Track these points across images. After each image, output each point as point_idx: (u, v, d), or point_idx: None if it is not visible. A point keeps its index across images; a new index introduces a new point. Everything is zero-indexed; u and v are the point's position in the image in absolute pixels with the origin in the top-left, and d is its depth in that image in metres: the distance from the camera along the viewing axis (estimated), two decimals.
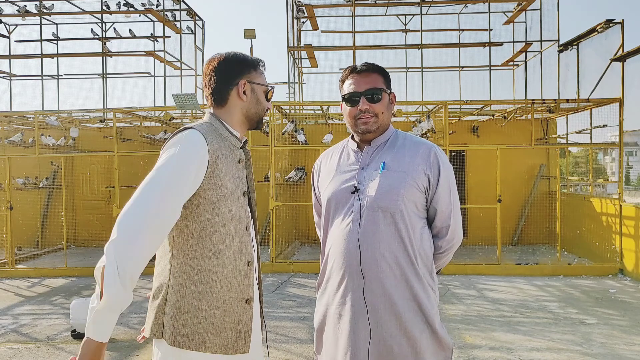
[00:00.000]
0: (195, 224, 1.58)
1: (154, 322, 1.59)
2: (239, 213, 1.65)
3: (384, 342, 1.72)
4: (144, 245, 1.42)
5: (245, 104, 1.72)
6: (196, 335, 1.55)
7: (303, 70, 11.96)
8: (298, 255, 8.99)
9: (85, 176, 10.91)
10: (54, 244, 10.37)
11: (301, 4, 10.88)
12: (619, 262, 7.51)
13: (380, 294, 1.73)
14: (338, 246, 1.81)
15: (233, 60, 1.70)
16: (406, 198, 1.77)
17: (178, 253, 1.59)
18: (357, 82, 1.85)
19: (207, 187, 1.58)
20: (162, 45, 11.37)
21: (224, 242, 1.60)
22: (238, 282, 1.62)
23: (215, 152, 1.59)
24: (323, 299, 1.88)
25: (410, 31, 11.62)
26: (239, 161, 1.70)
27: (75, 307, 4.81)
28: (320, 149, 8.05)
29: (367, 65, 1.87)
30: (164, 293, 1.58)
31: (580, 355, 4.20)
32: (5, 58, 11.62)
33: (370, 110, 1.82)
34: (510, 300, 6.05)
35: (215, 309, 1.58)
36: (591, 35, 8.49)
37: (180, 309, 1.56)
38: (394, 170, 1.80)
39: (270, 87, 1.77)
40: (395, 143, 1.87)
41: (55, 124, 9.20)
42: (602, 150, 33.49)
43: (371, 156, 1.86)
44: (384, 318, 1.72)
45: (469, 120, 10.44)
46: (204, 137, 1.58)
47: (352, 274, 1.76)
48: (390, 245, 1.75)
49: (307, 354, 4.29)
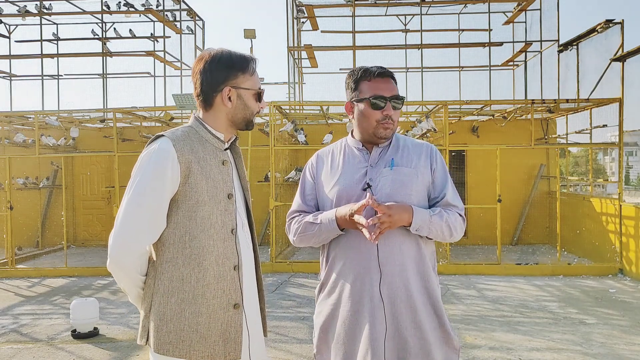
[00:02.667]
0: (175, 231, 1.60)
1: (141, 329, 1.63)
2: (221, 217, 1.63)
3: (400, 334, 1.74)
4: (134, 264, 1.60)
5: (230, 110, 1.68)
6: (180, 342, 1.56)
7: (303, 70, 11.96)
8: (298, 255, 8.99)
9: (86, 176, 10.91)
10: (54, 244, 10.37)
11: (301, 4, 10.88)
12: (619, 262, 7.51)
13: (398, 287, 1.76)
14: (352, 242, 1.81)
15: (218, 63, 1.65)
16: (417, 193, 1.84)
17: (161, 260, 1.61)
18: (382, 87, 1.85)
19: (182, 193, 1.59)
20: (162, 45, 11.38)
21: (203, 248, 1.59)
22: (223, 288, 1.61)
23: (187, 158, 1.58)
24: (330, 298, 1.86)
25: (410, 31, 11.61)
26: (222, 163, 1.68)
27: (75, 307, 4.81)
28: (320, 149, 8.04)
29: (388, 71, 1.89)
30: (149, 300, 1.61)
31: (580, 355, 4.21)
32: (5, 58, 11.62)
33: (392, 117, 1.86)
34: (510, 300, 6.05)
35: (199, 316, 1.58)
36: (591, 35, 8.50)
37: (164, 317, 1.57)
38: (403, 167, 1.86)
39: (260, 90, 1.72)
40: (398, 144, 1.93)
41: (55, 124, 9.21)
42: (602, 150, 33.50)
43: (379, 154, 1.90)
44: (401, 310, 1.75)
45: (469, 120, 10.44)
46: (173, 144, 1.58)
47: (369, 268, 1.77)
48: (405, 239, 1.79)
49: (307, 354, 4.29)
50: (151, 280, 1.62)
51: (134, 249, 1.56)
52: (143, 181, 1.56)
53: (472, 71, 12.07)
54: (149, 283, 1.62)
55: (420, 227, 1.77)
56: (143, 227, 1.55)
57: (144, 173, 1.57)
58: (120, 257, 1.56)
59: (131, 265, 1.58)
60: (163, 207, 1.58)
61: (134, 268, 1.59)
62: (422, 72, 11.71)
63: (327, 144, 8.48)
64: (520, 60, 11.61)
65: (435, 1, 11.07)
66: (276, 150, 8.14)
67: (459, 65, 11.79)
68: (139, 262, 1.60)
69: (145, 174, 1.57)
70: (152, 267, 1.63)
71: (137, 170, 1.60)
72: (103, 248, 10.34)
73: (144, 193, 1.55)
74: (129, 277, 1.61)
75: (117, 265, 1.57)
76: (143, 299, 1.64)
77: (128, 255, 1.56)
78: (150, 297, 1.61)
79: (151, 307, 1.60)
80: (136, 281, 1.62)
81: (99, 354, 4.40)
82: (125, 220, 1.55)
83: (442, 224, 1.80)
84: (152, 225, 1.57)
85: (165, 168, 1.56)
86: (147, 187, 1.55)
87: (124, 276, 1.60)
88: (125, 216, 1.56)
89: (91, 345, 4.62)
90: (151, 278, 1.62)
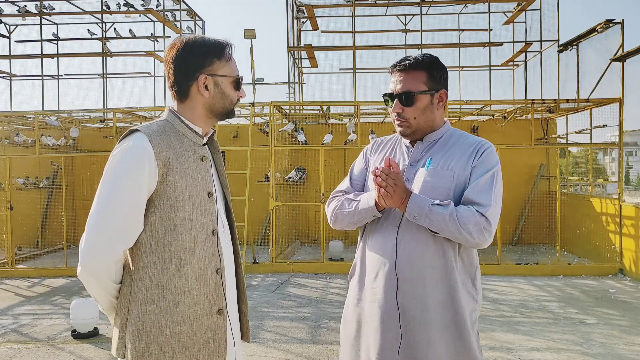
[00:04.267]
0: (152, 234, 1.47)
1: (117, 341, 1.51)
2: (202, 217, 1.52)
3: (412, 348, 1.63)
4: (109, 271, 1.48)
5: (207, 99, 1.56)
6: (161, 354, 1.45)
7: (303, 70, 11.96)
8: (298, 255, 8.98)
9: (86, 176, 10.91)
10: (54, 244, 10.36)
11: (301, 4, 10.88)
12: (619, 262, 7.51)
13: (413, 297, 1.64)
14: (375, 243, 1.75)
15: (192, 50, 1.53)
16: (451, 197, 1.68)
17: (137, 266, 1.48)
18: (397, 81, 1.76)
19: (160, 192, 1.47)
20: (162, 45, 11.39)
21: (184, 251, 1.48)
22: (205, 293, 1.50)
23: (164, 155, 1.47)
24: (353, 291, 1.82)
25: (410, 31, 11.61)
26: (202, 159, 1.57)
27: (75, 307, 4.81)
28: (320, 149, 8.06)
29: (410, 62, 1.74)
30: (125, 310, 1.48)
31: (580, 355, 4.21)
32: (5, 58, 11.62)
33: (402, 115, 1.75)
34: (510, 300, 6.05)
35: (181, 324, 1.47)
36: (591, 35, 8.50)
37: (142, 327, 1.45)
38: (440, 168, 1.71)
39: (238, 76, 1.60)
40: (449, 141, 1.78)
41: (55, 124, 9.20)
42: (602, 150, 33.51)
43: (422, 153, 1.78)
44: (415, 323, 1.64)
45: (469, 120, 10.44)
46: (150, 139, 1.46)
47: (386, 273, 1.68)
48: (428, 247, 1.67)
49: (307, 353, 4.29)
50: (127, 288, 1.49)
51: (108, 254, 1.43)
52: (117, 181, 1.43)
53: (472, 71, 12.07)
54: (125, 291, 1.49)
55: (418, 215, 1.63)
56: (118, 231, 1.43)
57: (118, 172, 1.44)
58: (93, 264, 1.43)
59: (105, 272, 1.45)
60: (140, 208, 1.46)
61: (107, 275, 1.46)
62: None
63: (327, 144, 8.49)
64: (520, 60, 11.61)
65: (435, 1, 11.07)
66: (276, 150, 8.14)
67: (459, 65, 11.79)
68: (114, 268, 1.47)
69: (119, 172, 1.44)
70: (128, 274, 1.50)
71: (110, 169, 1.46)
72: None
73: (118, 193, 1.43)
74: (102, 286, 1.48)
75: (89, 273, 1.44)
76: (117, 309, 1.51)
77: (102, 261, 1.44)
78: (126, 307, 1.48)
79: (128, 317, 1.47)
80: (110, 290, 1.49)
81: (99, 354, 4.40)
82: (98, 223, 1.42)
83: (446, 217, 1.61)
84: (128, 228, 1.44)
85: (142, 166, 1.44)
86: (122, 187, 1.43)
87: (95, 284, 1.47)
88: (99, 219, 1.43)
89: (91, 345, 4.62)
90: (127, 286, 1.49)
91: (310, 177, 10.23)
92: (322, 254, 7.90)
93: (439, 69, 1.76)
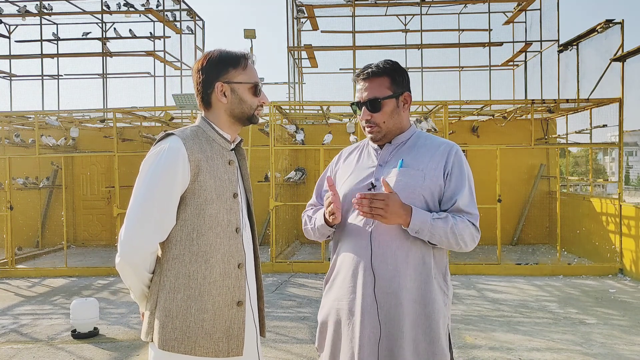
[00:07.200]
0: (182, 228, 1.61)
1: (147, 326, 1.63)
2: (227, 215, 1.65)
3: (391, 341, 1.69)
4: (145, 262, 1.61)
5: (227, 105, 1.69)
6: (185, 339, 1.57)
7: (303, 70, 11.96)
8: (298, 255, 8.98)
9: (86, 176, 10.91)
10: (54, 244, 10.37)
11: (301, 4, 10.89)
12: (619, 262, 7.51)
13: (389, 293, 1.70)
14: (350, 242, 1.79)
15: (210, 62, 1.68)
16: (422, 196, 1.74)
17: (167, 257, 1.62)
18: (362, 89, 1.82)
19: (191, 191, 1.61)
20: (162, 45, 11.38)
21: (211, 245, 1.61)
22: (228, 285, 1.63)
23: (196, 157, 1.61)
24: (331, 294, 1.85)
25: (410, 31, 11.62)
26: (229, 163, 1.70)
27: (75, 307, 4.81)
28: (320, 149, 8.06)
29: (372, 70, 1.81)
30: (155, 297, 1.62)
31: (580, 355, 4.21)
32: (5, 58, 11.62)
33: (372, 121, 1.81)
34: (510, 300, 6.05)
35: (204, 313, 1.59)
36: (591, 35, 8.49)
37: (169, 313, 1.58)
38: (412, 168, 1.77)
39: (255, 83, 1.71)
40: (417, 142, 1.85)
41: (55, 124, 9.21)
42: (602, 150, 33.50)
43: (391, 154, 1.84)
44: (393, 317, 1.69)
45: (469, 120, 10.44)
46: (184, 142, 1.60)
47: (362, 270, 1.73)
48: (402, 244, 1.72)
49: (307, 353, 4.29)
50: (157, 277, 1.62)
51: (145, 246, 1.56)
52: (155, 179, 1.57)
53: (472, 71, 12.07)
54: (155, 280, 1.63)
55: (420, 230, 1.67)
56: (155, 225, 1.56)
57: (155, 171, 1.57)
58: (131, 255, 1.56)
59: (141, 262, 1.59)
60: (174, 204, 1.60)
61: (143, 266, 1.60)
62: (422, 72, 11.72)
63: (327, 144, 8.49)
64: (520, 60, 11.61)
65: (435, 1, 11.07)
66: (276, 150, 8.14)
67: (459, 65, 11.80)
68: (149, 259, 1.61)
69: (156, 171, 1.57)
70: (158, 264, 1.64)
71: (147, 168, 1.60)
72: (103, 248, 10.35)
73: (155, 190, 1.56)
74: (138, 275, 1.61)
75: (127, 263, 1.57)
76: (148, 297, 1.65)
77: (139, 252, 1.57)
78: (156, 294, 1.61)
79: (157, 303, 1.60)
80: (144, 279, 1.63)
81: (99, 354, 4.40)
82: (137, 217, 1.55)
83: (447, 230, 1.68)
84: (163, 222, 1.58)
85: (177, 166, 1.57)
86: (159, 185, 1.56)
87: (132, 273, 1.60)
88: (138, 213, 1.56)
89: (91, 345, 4.62)
90: (157, 275, 1.63)
91: (310, 177, 10.23)
92: (322, 254, 7.90)
93: (400, 73, 1.83)
